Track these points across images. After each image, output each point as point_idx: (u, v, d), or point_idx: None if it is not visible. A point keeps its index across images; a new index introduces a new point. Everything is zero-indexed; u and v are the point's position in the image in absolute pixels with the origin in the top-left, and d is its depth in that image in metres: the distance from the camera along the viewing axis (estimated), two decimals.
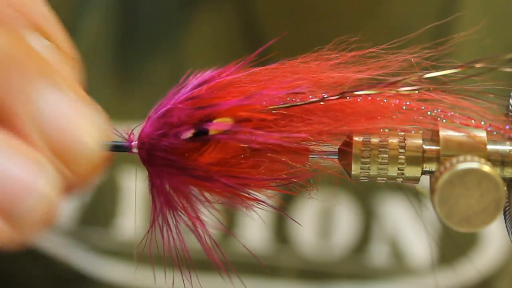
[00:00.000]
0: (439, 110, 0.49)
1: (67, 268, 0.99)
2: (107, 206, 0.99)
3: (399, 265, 1.00)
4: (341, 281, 0.99)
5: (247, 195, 0.48)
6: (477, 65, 0.48)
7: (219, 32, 1.00)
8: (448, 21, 0.92)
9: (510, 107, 0.49)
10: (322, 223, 0.99)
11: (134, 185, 0.98)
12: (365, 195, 0.97)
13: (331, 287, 0.99)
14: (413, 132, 0.49)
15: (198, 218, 0.48)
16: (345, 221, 0.98)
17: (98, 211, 0.99)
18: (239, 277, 0.51)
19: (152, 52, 1.00)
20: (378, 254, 1.00)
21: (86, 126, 0.41)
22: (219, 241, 0.49)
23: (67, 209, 0.99)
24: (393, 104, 0.49)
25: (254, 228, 0.48)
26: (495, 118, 0.49)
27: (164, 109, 0.49)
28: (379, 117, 0.49)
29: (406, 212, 0.97)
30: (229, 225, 0.95)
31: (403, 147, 0.49)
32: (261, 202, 0.49)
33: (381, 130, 0.49)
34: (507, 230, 0.49)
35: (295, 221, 0.98)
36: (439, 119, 0.49)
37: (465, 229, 0.47)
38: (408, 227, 0.99)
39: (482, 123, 0.49)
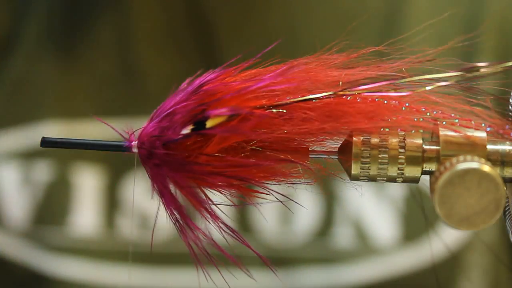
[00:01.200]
0: (439, 110, 0.49)
1: (23, 269, 0.98)
2: (60, 203, 0.99)
3: (364, 246, 0.99)
4: (306, 266, 0.99)
5: (248, 189, 0.49)
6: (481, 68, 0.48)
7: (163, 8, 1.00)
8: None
9: (510, 107, 0.49)
10: (284, 209, 0.98)
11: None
12: (325, 178, 0.97)
13: (296, 272, 0.99)
14: (413, 132, 0.49)
15: (203, 212, 0.48)
16: (307, 206, 0.98)
17: (51, 209, 0.99)
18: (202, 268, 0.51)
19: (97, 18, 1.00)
20: (342, 237, 0.99)
21: None
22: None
23: (20, 209, 0.98)
24: (393, 105, 0.49)
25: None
26: (495, 118, 0.49)
27: (165, 110, 0.49)
28: (379, 117, 0.49)
29: (367, 193, 0.97)
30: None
31: (403, 147, 0.49)
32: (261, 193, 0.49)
33: (381, 129, 0.49)
34: (508, 230, 0.49)
35: (262, 215, 0.98)
36: (439, 119, 0.49)
37: (465, 229, 0.47)
38: (370, 208, 0.98)
39: (483, 125, 0.49)
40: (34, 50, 1.00)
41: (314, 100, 0.48)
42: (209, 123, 0.47)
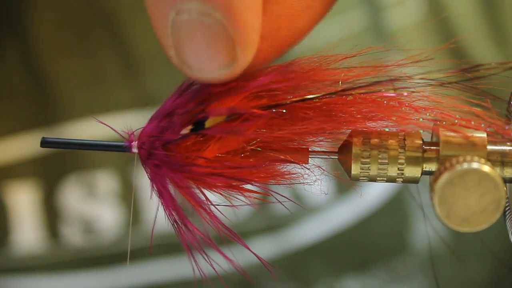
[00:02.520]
0: (439, 110, 0.49)
1: None
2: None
3: (301, 207, 1.00)
4: (253, 238, 0.99)
5: (247, 190, 0.49)
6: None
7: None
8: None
9: (510, 108, 0.49)
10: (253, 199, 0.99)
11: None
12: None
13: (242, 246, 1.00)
14: (413, 132, 0.49)
15: (202, 212, 0.48)
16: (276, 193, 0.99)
17: None
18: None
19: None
20: (280, 204, 1.00)
21: None
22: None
23: None
24: (392, 105, 0.49)
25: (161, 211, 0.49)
26: (494, 119, 0.49)
27: (165, 110, 0.49)
28: (379, 117, 0.49)
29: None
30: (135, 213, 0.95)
31: (403, 147, 0.49)
32: (260, 193, 0.49)
33: (381, 129, 0.49)
34: (508, 230, 0.49)
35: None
36: (438, 119, 0.49)
37: (465, 229, 0.47)
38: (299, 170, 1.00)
39: (482, 125, 0.49)
40: None
41: (314, 100, 0.48)
42: (208, 123, 0.47)
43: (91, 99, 0.95)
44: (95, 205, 0.97)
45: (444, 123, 0.49)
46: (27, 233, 0.97)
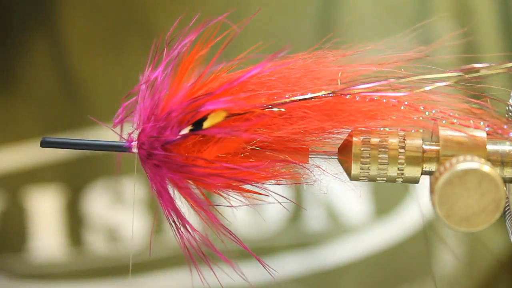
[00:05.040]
0: (439, 110, 0.49)
1: None
2: (17, 231, 0.97)
3: (337, 226, 0.99)
4: (282, 253, 0.99)
5: (246, 190, 0.49)
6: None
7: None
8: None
9: (510, 107, 0.49)
10: (253, 200, 0.98)
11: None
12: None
13: (272, 261, 0.98)
14: (413, 131, 0.49)
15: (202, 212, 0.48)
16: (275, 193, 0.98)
17: (9, 236, 0.97)
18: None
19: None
20: (314, 219, 0.99)
21: None
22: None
23: None
24: (391, 104, 0.49)
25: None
26: (493, 118, 0.49)
27: (163, 110, 0.49)
28: (378, 116, 0.49)
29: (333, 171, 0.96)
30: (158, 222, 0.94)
31: (403, 147, 0.49)
32: (259, 194, 0.49)
33: (381, 129, 0.49)
34: (507, 230, 0.49)
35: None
36: (438, 119, 0.49)
37: (465, 229, 0.47)
38: (338, 186, 0.99)
39: (481, 124, 0.49)
40: None
41: (313, 99, 0.48)
42: (206, 124, 0.47)
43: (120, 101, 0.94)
44: (120, 212, 0.97)
45: (444, 122, 0.49)
46: (48, 239, 0.96)
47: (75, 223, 0.96)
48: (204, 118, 0.47)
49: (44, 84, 0.98)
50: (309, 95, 0.48)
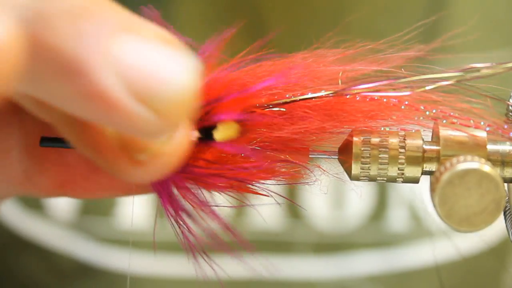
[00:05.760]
0: (439, 110, 0.49)
1: (70, 260, 0.98)
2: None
3: (419, 229, 0.98)
4: (359, 251, 0.98)
5: (250, 189, 0.48)
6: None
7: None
8: (438, 18, 0.91)
9: (510, 107, 0.49)
10: (335, 193, 0.97)
11: None
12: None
13: (349, 258, 0.98)
14: (413, 131, 0.49)
15: (205, 210, 0.48)
16: (359, 189, 0.96)
17: (98, 200, 0.98)
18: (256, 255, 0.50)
19: None
20: (396, 220, 0.98)
21: (176, 68, 0.38)
22: (232, 220, 0.49)
23: (66, 200, 0.97)
24: (392, 104, 0.49)
25: (266, 205, 0.47)
26: (494, 118, 0.49)
27: None
28: (379, 116, 0.49)
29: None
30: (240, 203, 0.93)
31: (403, 147, 0.49)
32: (265, 195, 0.49)
33: (382, 129, 0.49)
34: (507, 230, 0.49)
35: (301, 207, 0.96)
36: (439, 119, 0.49)
37: (466, 229, 0.47)
38: (425, 189, 0.98)
39: (482, 123, 0.49)
40: None
41: (313, 99, 0.48)
42: (217, 135, 0.46)
43: None
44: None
45: (444, 121, 0.49)
46: (136, 207, 0.96)
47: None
48: (213, 127, 0.47)
49: None
50: (310, 95, 0.48)
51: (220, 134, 0.46)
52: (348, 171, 0.50)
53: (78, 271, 0.98)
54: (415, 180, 0.49)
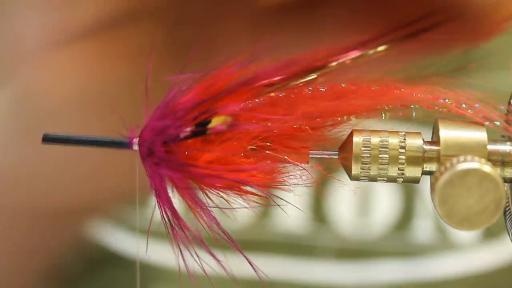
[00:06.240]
0: (440, 110, 0.49)
1: (102, 249, 0.97)
2: (142, 185, 0.97)
3: (444, 241, 0.98)
4: (382, 259, 0.97)
5: (250, 191, 0.48)
6: None
7: None
8: None
9: (510, 108, 0.49)
10: (361, 200, 0.97)
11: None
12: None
13: (371, 265, 0.98)
14: (413, 131, 0.49)
15: (204, 212, 0.48)
16: (386, 197, 0.96)
17: (133, 189, 0.97)
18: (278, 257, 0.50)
19: None
20: (422, 230, 0.97)
21: None
22: (255, 221, 0.49)
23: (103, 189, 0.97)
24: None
25: (291, 207, 0.47)
26: (494, 115, 0.49)
27: (168, 106, 0.48)
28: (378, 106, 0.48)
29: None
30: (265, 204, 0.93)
31: (403, 147, 0.49)
32: (263, 197, 0.49)
33: (382, 129, 0.49)
34: (507, 230, 0.49)
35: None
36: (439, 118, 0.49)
37: (466, 229, 0.47)
38: None
39: (480, 116, 0.48)
40: None
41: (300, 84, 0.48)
42: (212, 123, 0.47)
43: None
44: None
45: (444, 121, 0.49)
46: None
47: None
48: (208, 121, 0.47)
49: None
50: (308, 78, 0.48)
51: (213, 124, 0.46)
52: (348, 171, 0.50)
53: (111, 260, 0.97)
54: (415, 180, 0.49)
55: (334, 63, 0.49)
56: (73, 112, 0.76)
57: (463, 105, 0.49)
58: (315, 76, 0.48)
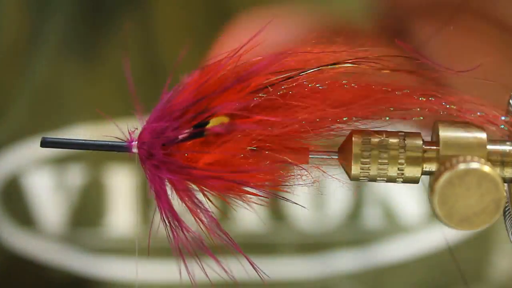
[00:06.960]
0: (440, 109, 0.49)
1: (63, 273, 0.98)
2: (95, 205, 0.98)
3: (393, 225, 1.01)
4: (339, 249, 1.00)
5: (245, 192, 0.48)
6: None
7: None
8: None
9: (510, 108, 0.49)
10: (315, 194, 0.98)
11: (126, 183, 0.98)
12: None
13: (331, 256, 1.00)
14: (413, 132, 0.49)
15: (199, 213, 0.48)
16: (337, 189, 0.97)
17: (87, 211, 0.98)
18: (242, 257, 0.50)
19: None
20: (372, 217, 1.00)
21: None
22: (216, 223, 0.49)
23: (55, 214, 0.98)
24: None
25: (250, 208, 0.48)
26: (494, 116, 0.49)
27: (163, 110, 0.48)
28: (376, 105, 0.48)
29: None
30: (224, 206, 0.94)
31: (403, 147, 0.49)
32: (259, 196, 0.49)
33: (382, 129, 0.49)
34: (507, 230, 0.49)
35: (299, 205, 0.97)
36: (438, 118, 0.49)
37: (466, 229, 0.47)
38: (397, 186, 0.99)
39: (478, 113, 0.48)
40: (58, 53, 0.99)
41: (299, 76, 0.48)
42: (210, 124, 0.47)
43: None
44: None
45: (444, 121, 0.49)
46: (122, 216, 0.97)
47: (147, 202, 0.97)
48: (206, 122, 0.47)
49: (130, 66, 0.98)
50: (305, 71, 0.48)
51: (213, 123, 0.46)
52: (348, 171, 0.50)
53: (71, 284, 0.99)
54: (415, 180, 0.49)
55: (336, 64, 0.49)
56: None
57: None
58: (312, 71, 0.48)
